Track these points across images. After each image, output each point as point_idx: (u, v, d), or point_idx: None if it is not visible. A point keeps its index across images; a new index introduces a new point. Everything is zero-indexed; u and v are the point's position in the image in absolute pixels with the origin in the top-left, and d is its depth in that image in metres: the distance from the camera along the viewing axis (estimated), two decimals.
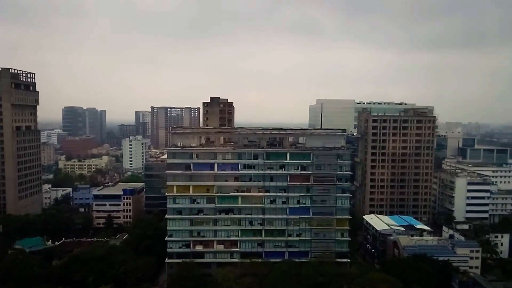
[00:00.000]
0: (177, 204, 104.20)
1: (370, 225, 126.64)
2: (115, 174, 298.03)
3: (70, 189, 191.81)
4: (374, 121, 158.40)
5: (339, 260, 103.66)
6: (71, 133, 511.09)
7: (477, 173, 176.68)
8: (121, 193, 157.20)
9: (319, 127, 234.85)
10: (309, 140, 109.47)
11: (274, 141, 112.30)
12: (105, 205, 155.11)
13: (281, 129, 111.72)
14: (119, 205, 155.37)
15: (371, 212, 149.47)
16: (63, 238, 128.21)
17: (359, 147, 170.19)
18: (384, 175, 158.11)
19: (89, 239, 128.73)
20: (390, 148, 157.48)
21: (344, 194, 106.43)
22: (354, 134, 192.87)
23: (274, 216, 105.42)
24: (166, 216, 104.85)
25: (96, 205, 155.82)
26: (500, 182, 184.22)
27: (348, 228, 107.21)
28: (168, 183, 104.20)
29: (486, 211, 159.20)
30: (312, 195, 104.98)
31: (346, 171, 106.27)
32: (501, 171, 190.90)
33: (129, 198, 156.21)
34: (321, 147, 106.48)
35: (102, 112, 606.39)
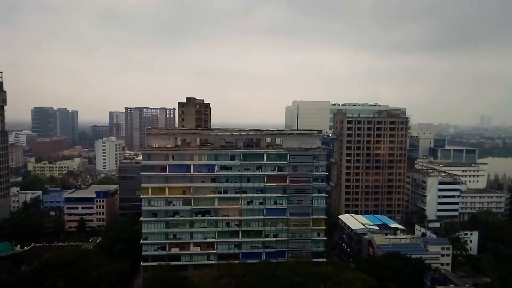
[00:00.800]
0: (152, 206, 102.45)
1: (345, 224, 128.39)
2: (88, 176, 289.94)
3: (40, 192, 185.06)
4: (349, 122, 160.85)
5: (315, 259, 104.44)
6: (41, 134, 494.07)
7: (447, 172, 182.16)
8: (94, 195, 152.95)
9: (296, 128, 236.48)
10: (286, 141, 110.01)
11: (251, 142, 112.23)
12: (77, 208, 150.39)
13: (257, 130, 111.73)
14: (92, 208, 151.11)
15: (346, 212, 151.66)
16: (33, 243, 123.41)
17: (335, 148, 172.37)
18: (359, 175, 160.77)
19: (60, 244, 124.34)
20: (365, 148, 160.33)
21: (320, 194, 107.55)
22: (330, 135, 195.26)
23: (251, 217, 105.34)
24: (141, 218, 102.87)
25: (68, 208, 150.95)
26: (469, 181, 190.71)
27: (324, 228, 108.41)
28: (143, 185, 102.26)
29: (456, 210, 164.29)
30: (288, 195, 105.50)
31: (322, 171, 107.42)
32: (470, 171, 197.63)
33: (103, 201, 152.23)
34: (298, 148, 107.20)
35: (74, 112, 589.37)
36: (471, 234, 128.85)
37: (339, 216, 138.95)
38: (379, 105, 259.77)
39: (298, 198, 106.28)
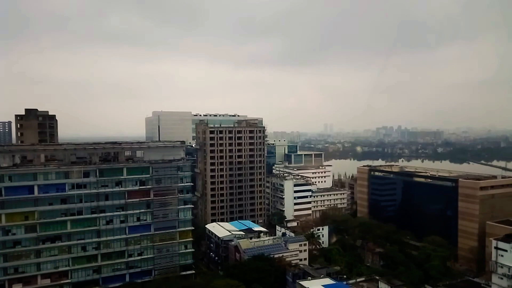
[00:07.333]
0: None
1: (212, 233, 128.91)
2: None
3: None
4: (211, 132, 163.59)
5: (184, 273, 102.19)
6: None
7: (300, 175, 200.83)
8: None
9: (157, 139, 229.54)
10: (148, 153, 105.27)
11: (108, 156, 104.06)
12: None
13: (115, 143, 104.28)
14: None
15: (213, 220, 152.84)
16: None
17: (199, 158, 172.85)
18: (223, 183, 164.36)
19: None
20: (227, 157, 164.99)
21: (186, 206, 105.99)
22: (193, 145, 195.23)
23: (112, 238, 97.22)
24: None
25: None
26: (318, 182, 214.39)
27: (192, 239, 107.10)
28: None
29: (309, 208, 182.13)
30: (153, 210, 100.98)
31: (187, 182, 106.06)
32: (319, 172, 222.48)
33: None
34: (161, 160, 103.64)
35: None
36: (322, 229, 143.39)
37: (206, 226, 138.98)
38: (238, 115, 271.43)
39: (163, 212, 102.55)
